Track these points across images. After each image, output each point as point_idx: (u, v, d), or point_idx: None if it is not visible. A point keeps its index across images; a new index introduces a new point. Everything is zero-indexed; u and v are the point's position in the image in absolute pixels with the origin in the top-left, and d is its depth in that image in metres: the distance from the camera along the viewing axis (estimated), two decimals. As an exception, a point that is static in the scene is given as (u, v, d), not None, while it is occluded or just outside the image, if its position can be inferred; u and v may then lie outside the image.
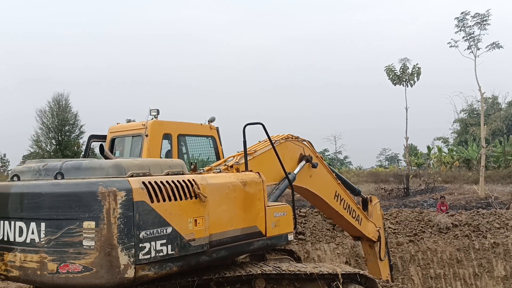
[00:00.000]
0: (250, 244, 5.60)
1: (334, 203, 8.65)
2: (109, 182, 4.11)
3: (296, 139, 7.95)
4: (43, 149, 44.95)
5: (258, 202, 5.76)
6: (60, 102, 46.15)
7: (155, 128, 8.69)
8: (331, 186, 8.66)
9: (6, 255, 4.50)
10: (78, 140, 45.57)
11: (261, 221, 5.78)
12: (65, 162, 4.76)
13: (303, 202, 22.74)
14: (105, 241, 3.99)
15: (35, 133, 45.43)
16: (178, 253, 4.52)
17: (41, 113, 45.47)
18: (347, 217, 9.03)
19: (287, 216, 6.27)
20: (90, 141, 9.92)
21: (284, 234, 6.19)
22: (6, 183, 4.91)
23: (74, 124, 46.37)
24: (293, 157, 7.78)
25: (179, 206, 4.56)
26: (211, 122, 9.84)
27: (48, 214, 4.19)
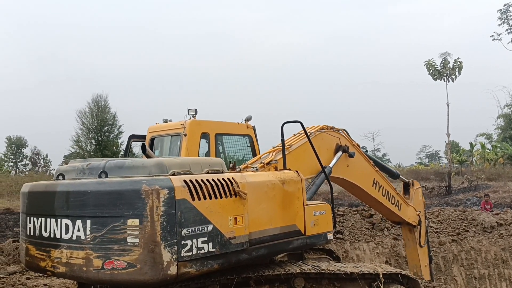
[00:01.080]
0: (289, 243, 5.63)
1: (373, 191, 8.61)
2: (152, 180, 4.21)
3: (332, 129, 7.91)
4: (83, 149, 46.26)
5: (297, 200, 5.78)
6: (99, 103, 47.43)
7: (193, 128, 8.82)
8: (369, 174, 8.60)
9: (52, 252, 4.66)
10: (116, 140, 46.66)
11: (300, 220, 5.79)
12: (108, 161, 4.90)
13: (341, 201, 22.58)
14: (148, 238, 4.10)
15: (75, 134, 46.86)
16: (219, 250, 4.59)
17: (81, 114, 46.87)
18: (386, 203, 8.97)
19: (326, 215, 6.27)
20: (130, 141, 10.15)
21: (323, 233, 6.19)
22: (52, 182, 5.08)
23: (113, 125, 47.54)
24: (329, 148, 7.75)
25: (219, 204, 4.64)
26: (247, 121, 9.93)
27: (93, 212, 4.32)
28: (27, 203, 5.17)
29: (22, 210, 5.29)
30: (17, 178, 37.40)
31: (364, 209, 14.02)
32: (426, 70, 38.00)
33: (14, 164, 61.23)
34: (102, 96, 47.89)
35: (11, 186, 32.28)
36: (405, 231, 10.08)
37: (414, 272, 9.72)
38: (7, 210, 23.65)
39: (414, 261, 9.96)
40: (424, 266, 10.01)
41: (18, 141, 62.86)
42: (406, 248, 10.26)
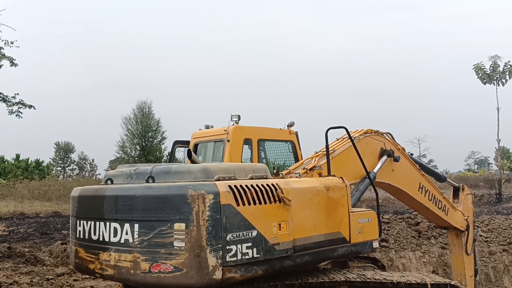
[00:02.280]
0: (334, 250, 5.60)
1: (419, 195, 8.45)
2: (198, 186, 4.29)
3: (376, 133, 7.81)
4: (128, 154, 47.46)
5: (342, 207, 5.75)
6: (143, 110, 48.59)
7: (236, 134, 8.89)
8: (414, 178, 8.45)
9: (101, 255, 4.80)
10: (160, 146, 47.56)
11: (345, 227, 5.76)
12: (155, 166, 5.01)
13: (386, 208, 22.17)
14: (194, 243, 4.17)
15: (121, 139, 48.13)
16: (263, 256, 4.62)
17: (126, 120, 48.11)
18: (433, 208, 8.80)
19: (371, 223, 6.22)
20: (175, 147, 10.34)
21: (369, 241, 6.15)
22: (101, 186, 5.25)
23: (157, 130, 48.58)
24: (373, 153, 7.67)
25: (263, 210, 4.67)
26: (290, 127, 9.90)
27: (141, 216, 4.44)
28: (77, 207, 5.35)
29: (72, 214, 5.48)
30: (65, 183, 38.61)
31: (410, 216, 13.73)
32: (475, 73, 36.97)
33: (62, 169, 63.31)
34: (146, 102, 49.13)
35: (59, 190, 33.32)
36: (451, 236, 9.86)
37: (458, 280, 9.51)
38: (56, 213, 24.45)
39: (459, 269, 9.73)
40: (469, 276, 9.72)
41: (66, 147, 65.01)
42: (451, 254, 10.05)
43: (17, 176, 40.58)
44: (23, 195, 32.16)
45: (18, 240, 15.58)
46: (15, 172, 43.14)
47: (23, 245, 13.21)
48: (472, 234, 9.79)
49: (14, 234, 17.43)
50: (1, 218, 21.81)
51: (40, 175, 42.90)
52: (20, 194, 32.42)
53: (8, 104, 25.98)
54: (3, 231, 17.95)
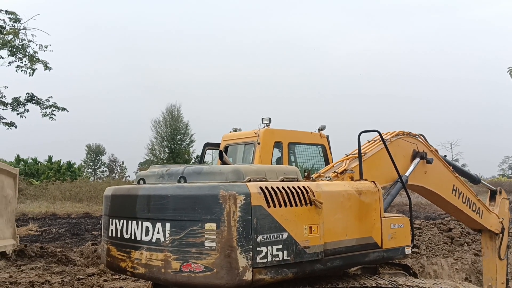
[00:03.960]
0: (365, 256, 5.53)
1: (452, 198, 8.32)
2: (229, 186, 4.30)
3: (408, 134, 7.69)
4: (157, 156, 48.10)
5: (374, 212, 5.69)
6: (172, 113, 49.20)
7: (267, 136, 8.92)
8: (448, 180, 8.31)
9: (133, 253, 4.86)
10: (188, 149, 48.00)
11: (377, 232, 5.69)
12: (187, 167, 5.06)
13: (417, 213, 21.79)
14: (225, 243, 4.18)
15: (150, 142, 48.79)
16: (294, 259, 4.59)
17: (155, 123, 48.74)
18: (467, 211, 8.65)
19: (404, 228, 6.12)
20: (205, 149, 10.45)
21: (401, 247, 6.05)
22: (134, 186, 5.33)
23: (185, 133, 49.12)
24: (405, 155, 7.55)
25: (294, 212, 4.64)
26: (321, 130, 9.91)
27: (173, 215, 4.48)
28: (110, 206, 5.43)
29: (105, 212, 5.56)
30: (95, 184, 39.31)
31: (442, 222, 13.45)
32: (510, 76, 36.12)
33: (93, 171, 64.43)
34: (175, 105, 49.77)
35: (90, 191, 33.93)
36: (485, 238, 9.63)
37: (489, 285, 9.37)
38: (86, 214, 24.90)
39: (490, 273, 9.52)
40: (501, 283, 9.49)
41: (97, 149, 66.14)
42: (483, 257, 9.83)
43: (50, 177, 41.45)
44: (55, 196, 32.85)
45: (50, 240, 15.92)
46: (48, 173, 44.07)
47: (55, 245, 13.49)
48: (507, 239, 9.58)
49: (46, 234, 17.84)
50: (34, 219, 22.29)
51: (72, 176, 43.73)
52: (52, 195, 33.12)
53: (42, 107, 26.70)
54: (36, 231, 18.37)
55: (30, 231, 18.10)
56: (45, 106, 26.74)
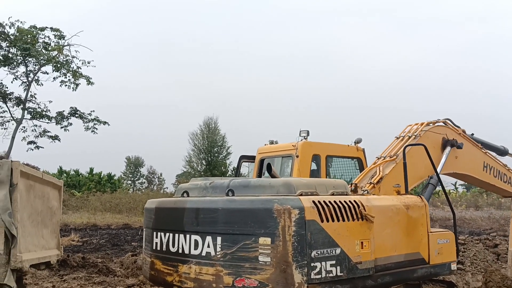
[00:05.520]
0: (413, 271, 5.38)
1: (484, 175, 8.36)
2: (283, 200, 4.17)
3: (434, 124, 7.52)
4: (194, 169, 48.41)
5: (421, 227, 5.54)
6: (210, 125, 49.51)
7: (305, 149, 8.81)
8: (479, 159, 8.30)
9: (180, 267, 4.72)
10: (225, 161, 48.16)
11: (424, 248, 5.55)
12: (232, 180, 4.95)
13: (461, 228, 21.09)
14: (281, 258, 4.04)
15: (187, 154, 49.19)
16: (346, 275, 4.44)
17: (193, 136, 49.17)
18: (498, 183, 8.71)
19: (450, 244, 5.98)
20: (241, 161, 10.35)
21: (447, 262, 5.90)
22: (180, 198, 5.21)
23: (222, 146, 49.28)
24: (435, 146, 7.41)
25: (346, 227, 4.50)
26: (357, 143, 9.73)
27: (224, 229, 4.35)
28: (154, 219, 5.32)
29: (148, 225, 5.45)
30: (134, 196, 39.80)
31: (488, 238, 12.95)
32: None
33: (132, 182, 65.34)
34: (212, 118, 50.09)
35: (129, 203, 34.36)
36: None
37: None
38: (126, 225, 25.15)
39: None
40: None
41: (136, 161, 67.11)
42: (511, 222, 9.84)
43: (90, 189, 42.23)
44: (95, 207, 33.43)
45: (91, 250, 16.09)
46: (89, 185, 44.92)
47: (96, 256, 13.59)
48: None
49: (87, 244, 18.04)
50: (75, 229, 22.65)
51: (112, 188, 44.44)
52: (93, 206, 33.72)
53: (85, 120, 27.31)
54: (77, 242, 18.63)
55: (72, 241, 18.37)
56: (88, 120, 27.40)
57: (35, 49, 25.44)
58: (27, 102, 26.43)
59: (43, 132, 26.86)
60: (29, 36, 25.41)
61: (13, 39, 25.10)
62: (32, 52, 25.17)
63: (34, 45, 25.45)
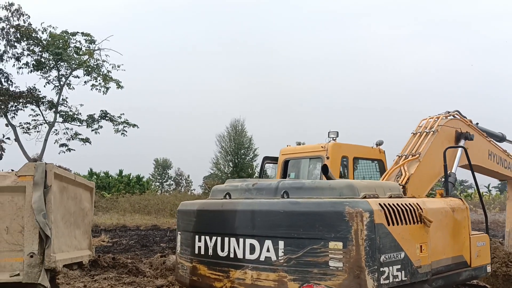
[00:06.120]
0: (459, 275, 5.28)
1: (489, 163, 8.53)
2: (353, 203, 4.00)
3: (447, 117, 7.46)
4: (221, 171, 48.45)
5: (464, 230, 5.44)
6: (236, 127, 49.54)
7: (335, 150, 8.69)
8: (485, 148, 8.44)
9: (232, 272, 4.50)
10: (252, 163, 48.10)
11: (466, 250, 5.45)
12: (281, 181, 4.75)
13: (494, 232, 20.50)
14: (354, 263, 3.87)
15: (215, 156, 49.32)
16: (409, 280, 4.30)
17: (220, 138, 49.29)
18: (500, 170, 8.99)
19: (486, 246, 5.94)
20: (264, 162, 10.23)
21: (484, 265, 5.84)
22: (228, 200, 4.97)
23: (249, 148, 49.22)
24: (450, 139, 7.38)
25: (409, 231, 4.37)
26: (379, 146, 9.63)
27: (287, 233, 4.15)
28: (196, 222, 5.08)
29: (186, 229, 5.21)
30: (162, 197, 40.09)
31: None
32: None
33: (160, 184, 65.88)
34: (239, 120, 50.09)
35: (158, 204, 34.62)
36: (510, 184, 10.05)
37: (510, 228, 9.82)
38: (154, 227, 25.30)
39: None
40: None
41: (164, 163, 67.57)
42: (508, 201, 10.17)
43: (120, 190, 42.64)
44: (125, 208, 33.74)
45: (121, 251, 16.20)
46: (118, 186, 45.35)
47: (126, 256, 13.64)
48: None
49: (117, 245, 18.17)
50: (105, 230, 22.88)
51: (141, 189, 44.82)
52: (122, 207, 34.05)
53: (115, 123, 27.64)
54: (107, 242, 18.79)
55: (102, 242, 18.52)
56: (118, 123, 27.71)
57: (67, 54, 25.94)
58: (59, 105, 27.00)
59: (75, 134, 27.42)
60: (61, 41, 25.93)
61: (46, 44, 25.60)
62: (64, 57, 25.68)
63: (66, 49, 25.95)
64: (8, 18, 24.89)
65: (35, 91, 26.04)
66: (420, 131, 6.98)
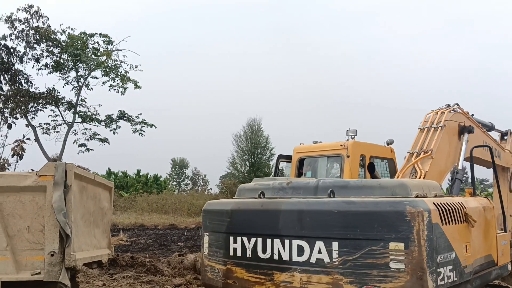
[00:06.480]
0: (490, 274, 5.23)
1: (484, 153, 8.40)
2: (413, 202, 3.90)
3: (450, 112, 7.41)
4: (238, 170, 48.42)
5: (491, 229, 5.39)
6: (253, 127, 49.48)
7: (355, 149, 8.61)
8: (481, 139, 8.39)
9: (277, 275, 4.34)
10: (268, 162, 47.99)
11: (494, 249, 5.42)
12: (320, 180, 4.64)
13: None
14: (416, 264, 3.77)
15: (231, 156, 49.32)
16: (459, 280, 4.24)
17: (236, 137, 49.29)
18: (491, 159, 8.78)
19: (507, 245, 5.97)
20: (279, 161, 10.16)
21: (507, 263, 5.83)
22: (269, 200, 4.80)
23: (265, 147, 49.10)
24: (454, 133, 7.37)
25: (457, 230, 4.31)
26: (389, 145, 9.59)
27: (342, 234, 4.03)
28: (230, 222, 4.86)
29: (217, 229, 5.00)
30: (179, 197, 40.22)
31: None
32: None
33: (177, 184, 66.16)
34: (256, 120, 50.03)
35: (175, 203, 34.73)
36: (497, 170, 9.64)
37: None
38: (172, 226, 25.38)
39: None
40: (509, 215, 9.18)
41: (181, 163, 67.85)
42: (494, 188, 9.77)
43: (138, 190, 42.86)
44: (142, 207, 33.86)
45: (139, 250, 16.26)
46: (136, 186, 45.63)
47: (144, 255, 13.69)
48: None
49: (135, 244, 18.25)
50: (123, 229, 22.99)
51: (158, 189, 45.02)
52: (140, 206, 34.18)
53: (132, 123, 27.80)
54: (126, 241, 18.87)
55: (120, 241, 18.60)
56: (135, 123, 27.85)
57: (85, 55, 26.11)
58: (78, 106, 27.24)
59: (93, 135, 27.64)
60: (79, 42, 26.12)
61: (64, 46, 25.85)
62: (82, 58, 25.92)
63: (84, 51, 26.15)
64: (27, 20, 25.17)
65: (54, 92, 26.28)
66: (427, 127, 6.89)
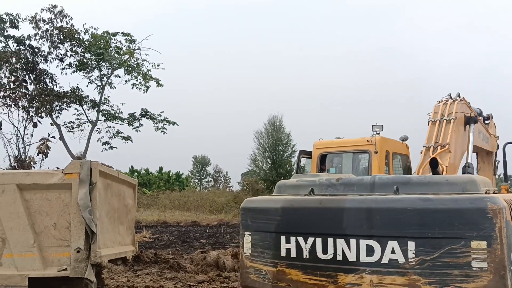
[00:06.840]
0: None
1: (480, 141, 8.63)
2: (493, 199, 3.83)
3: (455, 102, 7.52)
4: (259, 167, 48.44)
5: None
6: (274, 124, 49.38)
7: (382, 145, 8.56)
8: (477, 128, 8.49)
9: (342, 277, 4.20)
10: (290, 159, 47.87)
11: None
12: (376, 177, 4.54)
13: None
14: (499, 263, 3.70)
15: (252, 153, 49.38)
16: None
17: (258, 134, 49.29)
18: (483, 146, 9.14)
19: None
20: (300, 156, 10.16)
21: None
22: (328, 197, 4.66)
23: (287, 144, 48.95)
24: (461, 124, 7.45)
25: None
26: (404, 141, 9.61)
27: (419, 232, 3.92)
28: (281, 221, 4.66)
29: (263, 229, 4.79)
30: (201, 194, 40.48)
31: None
32: None
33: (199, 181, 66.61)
34: (277, 116, 49.94)
35: (197, 200, 34.99)
36: (481, 155, 10.10)
37: None
38: (194, 223, 25.63)
39: None
40: None
41: (203, 160, 68.35)
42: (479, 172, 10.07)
43: (160, 187, 43.24)
44: (165, 205, 34.17)
45: (162, 247, 16.46)
46: (158, 183, 46.05)
47: (167, 252, 13.85)
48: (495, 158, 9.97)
49: (158, 241, 18.50)
50: (147, 226, 23.33)
51: (180, 186, 45.37)
52: (163, 204, 34.50)
53: (155, 121, 28.11)
54: (149, 238, 19.11)
55: (144, 237, 18.85)
56: (158, 121, 28.15)
57: (108, 54, 26.51)
58: (101, 104, 27.65)
59: (116, 133, 28.06)
60: (102, 41, 26.51)
61: (88, 45, 26.26)
62: (105, 57, 26.33)
63: (107, 50, 26.53)
64: (51, 20, 25.66)
65: (78, 91, 26.82)
66: (438, 119, 6.81)
